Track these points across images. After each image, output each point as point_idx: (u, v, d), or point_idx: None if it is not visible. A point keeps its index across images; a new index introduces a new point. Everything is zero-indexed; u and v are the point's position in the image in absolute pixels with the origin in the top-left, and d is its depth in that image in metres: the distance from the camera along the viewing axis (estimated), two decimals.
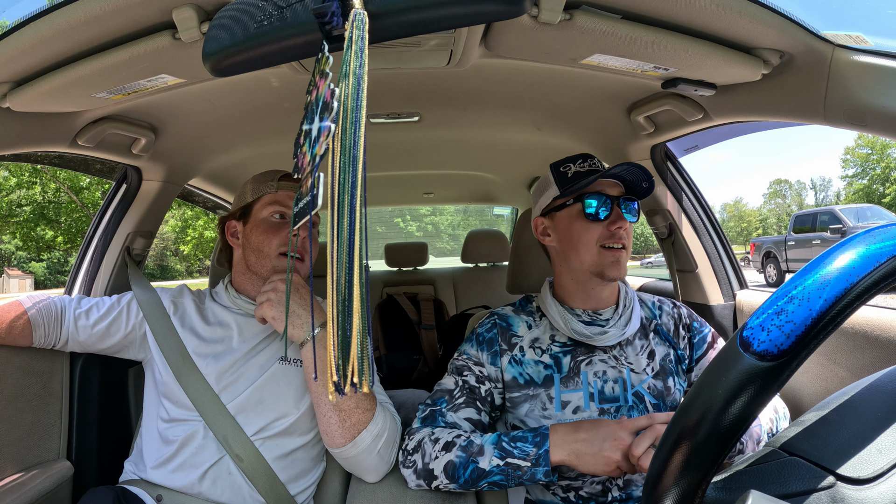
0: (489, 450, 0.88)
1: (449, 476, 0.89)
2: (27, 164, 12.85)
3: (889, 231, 0.36)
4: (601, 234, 0.98)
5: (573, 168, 1.02)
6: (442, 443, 0.91)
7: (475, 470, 0.87)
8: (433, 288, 2.98)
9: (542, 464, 0.84)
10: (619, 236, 0.97)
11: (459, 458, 0.88)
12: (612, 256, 0.97)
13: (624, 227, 0.97)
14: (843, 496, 0.38)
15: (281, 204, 1.09)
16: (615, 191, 1.00)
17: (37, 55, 0.82)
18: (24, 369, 1.12)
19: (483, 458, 0.87)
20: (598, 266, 0.98)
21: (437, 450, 0.91)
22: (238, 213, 1.14)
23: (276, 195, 1.10)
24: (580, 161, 1.03)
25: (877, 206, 11.71)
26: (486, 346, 1.04)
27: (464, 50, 0.97)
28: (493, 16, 0.59)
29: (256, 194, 1.11)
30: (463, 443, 0.90)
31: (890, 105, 0.77)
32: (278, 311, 0.96)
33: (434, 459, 0.90)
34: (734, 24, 0.79)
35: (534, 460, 0.85)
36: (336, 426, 0.94)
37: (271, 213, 1.09)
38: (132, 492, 0.97)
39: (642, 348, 1.01)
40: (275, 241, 1.07)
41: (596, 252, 0.98)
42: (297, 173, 0.62)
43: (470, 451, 0.88)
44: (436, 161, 2.20)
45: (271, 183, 1.11)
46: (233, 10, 0.63)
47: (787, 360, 0.35)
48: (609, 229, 0.97)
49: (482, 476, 0.87)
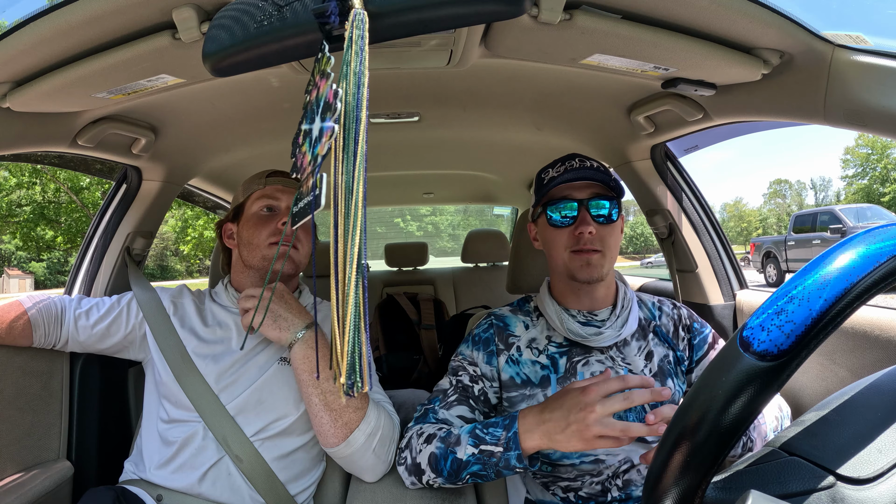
0: (465, 438, 0.86)
1: (434, 469, 0.87)
2: (27, 164, 12.85)
3: (889, 231, 0.36)
4: (568, 239, 0.98)
5: (550, 173, 1.02)
6: (425, 435, 0.91)
7: (454, 461, 0.85)
8: (433, 288, 2.98)
9: (512, 447, 0.80)
10: (584, 241, 0.96)
11: (439, 448, 0.87)
12: (581, 260, 0.96)
13: (588, 231, 0.95)
14: (843, 496, 0.38)
15: (269, 197, 1.11)
16: (585, 192, 0.98)
17: (37, 55, 0.82)
18: (24, 369, 1.12)
19: (460, 448, 0.85)
20: (569, 270, 0.98)
21: (421, 442, 0.91)
22: (232, 216, 1.16)
23: (265, 190, 1.11)
24: (559, 164, 1.02)
25: (877, 206, 11.71)
26: (481, 346, 1.04)
27: (464, 50, 0.97)
28: (493, 16, 0.59)
29: (246, 193, 1.13)
30: (443, 434, 0.89)
31: (890, 105, 0.77)
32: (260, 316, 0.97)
33: (419, 453, 0.90)
34: (734, 24, 0.79)
35: (504, 444, 0.81)
36: (328, 426, 0.94)
37: (260, 207, 1.10)
38: (132, 492, 0.97)
39: (640, 349, 1.01)
40: (264, 231, 1.08)
41: (567, 257, 0.98)
42: (295, 173, 0.62)
43: (448, 442, 0.87)
44: (436, 161, 2.20)
45: (260, 180, 1.13)
46: (233, 10, 0.63)
47: (787, 360, 0.35)
48: (574, 235, 0.97)
49: (462, 467, 0.84)
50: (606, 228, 0.98)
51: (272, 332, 0.98)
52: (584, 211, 0.97)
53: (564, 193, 0.99)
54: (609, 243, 0.98)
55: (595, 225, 0.96)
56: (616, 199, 1.00)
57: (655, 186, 1.57)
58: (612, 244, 0.99)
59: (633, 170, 1.58)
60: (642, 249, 52.23)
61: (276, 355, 1.06)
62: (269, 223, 1.09)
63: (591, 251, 0.96)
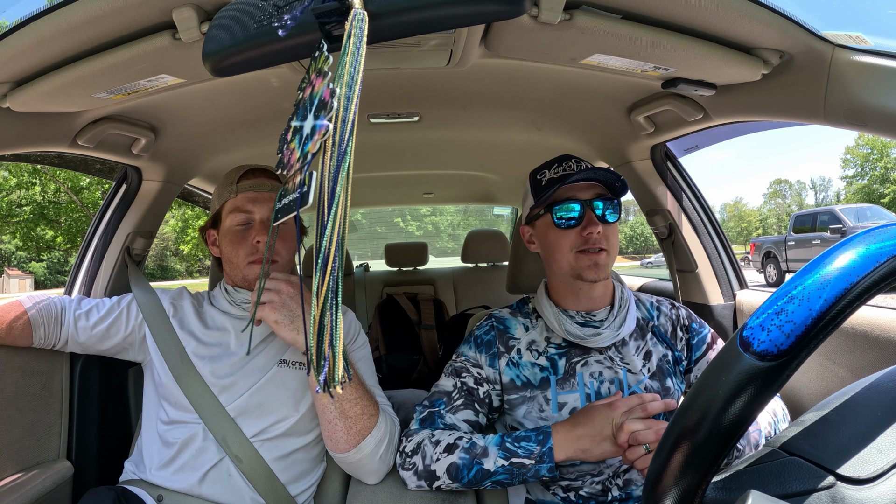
0: (493, 451, 0.88)
1: (452, 477, 0.89)
2: (27, 164, 12.85)
3: (889, 231, 0.36)
4: (575, 240, 0.98)
5: (548, 175, 1.02)
6: (444, 445, 0.91)
7: (480, 471, 0.88)
8: (433, 288, 2.98)
9: (546, 460, 0.85)
10: (592, 241, 0.96)
11: (463, 459, 0.89)
12: (589, 260, 0.97)
13: (597, 231, 0.96)
14: (843, 496, 0.38)
15: (241, 210, 1.06)
16: (588, 193, 0.99)
17: (37, 55, 0.82)
18: (24, 369, 1.12)
19: (488, 460, 0.88)
20: (575, 270, 0.98)
21: (439, 452, 0.91)
22: (212, 222, 1.13)
23: (236, 200, 1.07)
24: (555, 165, 1.02)
25: (877, 206, 11.71)
26: (484, 349, 1.04)
27: (464, 50, 0.97)
28: (493, 16, 0.59)
29: (221, 201, 1.09)
30: (466, 444, 0.90)
31: (890, 105, 0.77)
32: (281, 315, 0.93)
33: (436, 461, 0.90)
34: (734, 24, 0.79)
35: (538, 458, 0.86)
36: (342, 433, 0.93)
37: (234, 223, 1.07)
38: (132, 492, 0.97)
39: (638, 349, 1.01)
40: (241, 251, 1.06)
41: (573, 257, 0.98)
42: (281, 169, 0.62)
43: (473, 453, 0.89)
44: (436, 161, 2.20)
45: (231, 187, 1.08)
46: (233, 10, 0.63)
47: (787, 360, 0.35)
48: (581, 235, 0.97)
49: (486, 476, 0.88)
50: (609, 228, 0.99)
51: (287, 334, 0.92)
52: (590, 211, 0.97)
53: (569, 195, 0.99)
54: (612, 242, 0.99)
55: (601, 224, 0.97)
56: (616, 200, 1.00)
57: (655, 186, 1.57)
58: (615, 243, 1.00)
59: (633, 170, 1.58)
60: (642, 249, 52.23)
61: (276, 357, 1.06)
62: (244, 240, 1.06)
63: (598, 251, 0.96)
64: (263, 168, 1.14)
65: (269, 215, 1.07)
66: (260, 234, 1.05)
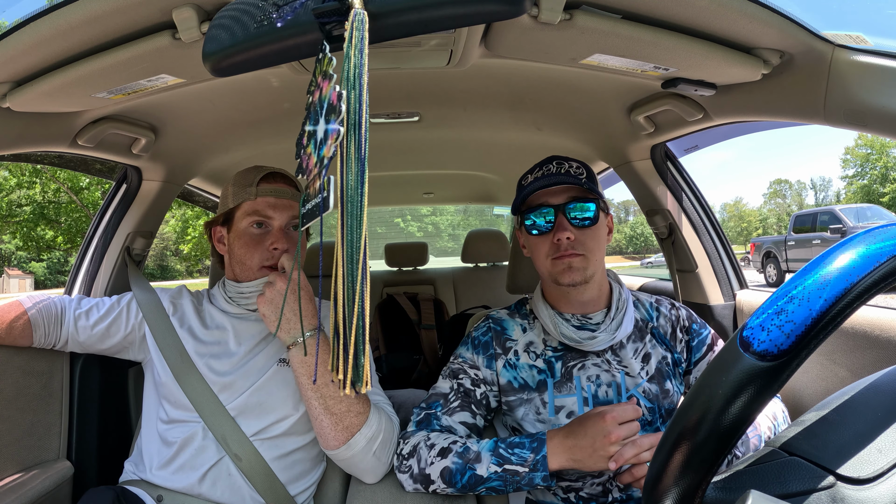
0: (486, 457, 0.87)
1: (446, 481, 0.89)
2: (27, 164, 12.85)
3: (889, 231, 0.36)
4: (549, 247, 0.97)
5: (529, 179, 1.01)
6: (438, 448, 0.91)
7: (472, 476, 0.87)
8: (433, 288, 2.98)
9: (539, 469, 0.84)
10: (563, 247, 0.95)
11: (456, 464, 0.88)
12: (562, 264, 0.96)
13: (566, 237, 0.94)
14: (843, 496, 0.38)
15: (259, 213, 1.05)
16: (561, 197, 0.97)
17: (37, 55, 0.82)
18: (24, 369, 1.12)
19: (480, 465, 0.87)
20: (552, 275, 0.98)
21: (433, 455, 0.90)
22: (221, 219, 1.12)
23: (255, 203, 1.06)
24: (537, 169, 1.01)
25: (877, 206, 11.71)
26: (481, 350, 1.03)
27: (464, 50, 0.97)
28: (493, 16, 0.59)
29: (237, 200, 1.08)
30: (459, 449, 0.90)
31: (890, 105, 0.77)
32: (269, 310, 0.96)
33: (430, 465, 0.90)
34: (734, 24, 0.79)
35: (531, 466, 0.84)
36: (329, 429, 0.93)
37: (250, 224, 1.06)
38: (132, 492, 0.97)
39: (637, 351, 1.00)
40: (256, 255, 1.05)
41: (549, 263, 0.98)
42: (301, 174, 0.62)
43: (466, 458, 0.88)
44: (436, 161, 2.20)
45: (250, 189, 1.07)
46: (233, 10, 0.63)
47: (787, 360, 0.35)
48: (552, 241, 0.96)
49: (480, 482, 0.87)
50: (587, 231, 0.96)
51: (272, 326, 0.96)
52: (562, 216, 0.96)
53: (541, 200, 0.98)
54: (591, 246, 0.96)
55: (574, 230, 0.95)
56: (596, 200, 0.98)
57: (655, 186, 1.57)
58: (595, 247, 0.97)
59: (633, 170, 1.58)
60: (642, 249, 52.18)
61: (276, 357, 1.06)
62: (260, 244, 1.06)
63: (571, 255, 0.95)
64: (282, 172, 1.13)
65: (287, 222, 1.07)
66: (278, 240, 1.05)
